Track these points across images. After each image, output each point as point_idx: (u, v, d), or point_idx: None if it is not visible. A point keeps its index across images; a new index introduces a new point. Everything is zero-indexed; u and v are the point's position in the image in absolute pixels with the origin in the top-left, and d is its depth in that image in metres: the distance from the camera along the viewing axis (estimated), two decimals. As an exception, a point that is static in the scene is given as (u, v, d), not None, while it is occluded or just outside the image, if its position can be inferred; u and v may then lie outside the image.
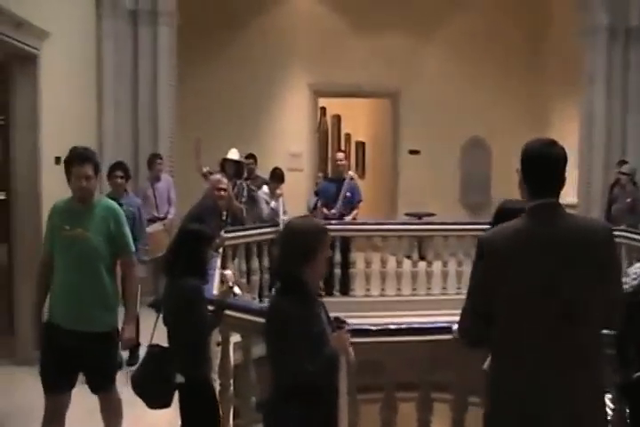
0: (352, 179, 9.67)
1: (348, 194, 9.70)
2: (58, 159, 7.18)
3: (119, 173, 7.02)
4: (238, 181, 9.06)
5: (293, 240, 3.25)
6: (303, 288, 3.22)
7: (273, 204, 9.11)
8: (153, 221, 8.69)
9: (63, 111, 7.43)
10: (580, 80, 11.10)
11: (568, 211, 2.86)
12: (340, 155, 10.28)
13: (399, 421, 4.34)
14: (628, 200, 9.58)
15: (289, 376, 3.15)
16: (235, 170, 9.02)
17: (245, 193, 9.10)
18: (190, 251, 4.37)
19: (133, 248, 4.74)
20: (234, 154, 9.17)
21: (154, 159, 9.24)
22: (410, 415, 4.38)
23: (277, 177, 9.38)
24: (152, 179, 9.26)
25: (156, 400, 4.36)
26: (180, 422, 4.37)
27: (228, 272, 4.66)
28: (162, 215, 9.11)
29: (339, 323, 3.38)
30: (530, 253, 2.80)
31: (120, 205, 5.14)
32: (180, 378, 4.20)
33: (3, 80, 6.83)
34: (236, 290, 4.49)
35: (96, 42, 9.04)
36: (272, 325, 3.22)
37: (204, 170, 9.12)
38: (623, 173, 9.70)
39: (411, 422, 4.36)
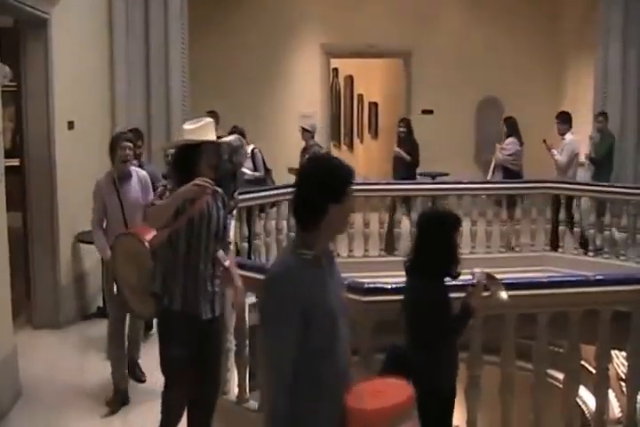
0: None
1: None
2: (71, 124, 7.21)
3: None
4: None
5: None
6: None
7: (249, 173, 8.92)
8: None
9: (75, 76, 7.43)
10: (596, 38, 10.95)
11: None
12: None
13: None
14: None
15: None
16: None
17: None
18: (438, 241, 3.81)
19: None
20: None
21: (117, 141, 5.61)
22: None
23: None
24: (119, 172, 5.57)
25: None
26: None
27: (477, 271, 3.90)
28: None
29: None
30: None
31: None
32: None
33: (14, 46, 6.80)
34: (503, 295, 3.81)
35: (107, 5, 8.99)
36: None
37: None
38: None
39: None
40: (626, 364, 4.66)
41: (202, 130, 4.11)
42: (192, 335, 4.08)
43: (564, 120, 10.08)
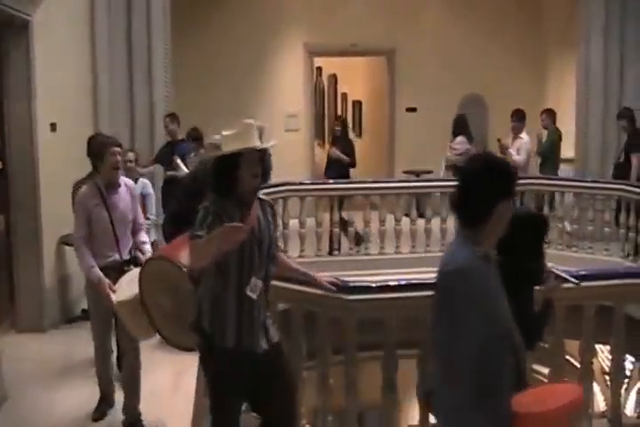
0: None
1: None
2: (53, 126, 7.17)
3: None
4: None
5: None
6: None
7: None
8: (112, 269, 4.93)
9: (57, 78, 7.37)
10: (578, 35, 11.00)
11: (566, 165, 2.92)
12: None
13: (400, 378, 4.39)
14: None
15: None
16: None
17: None
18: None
19: None
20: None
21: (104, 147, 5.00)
22: (411, 372, 4.44)
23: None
24: (109, 181, 5.02)
25: None
26: None
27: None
28: (126, 257, 5.05)
29: None
30: None
31: None
32: None
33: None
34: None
35: (89, 6, 8.93)
36: None
37: None
38: None
39: (412, 379, 4.42)
40: (610, 358, 4.69)
41: (241, 137, 3.70)
42: (248, 375, 3.65)
43: (520, 118, 10.09)
